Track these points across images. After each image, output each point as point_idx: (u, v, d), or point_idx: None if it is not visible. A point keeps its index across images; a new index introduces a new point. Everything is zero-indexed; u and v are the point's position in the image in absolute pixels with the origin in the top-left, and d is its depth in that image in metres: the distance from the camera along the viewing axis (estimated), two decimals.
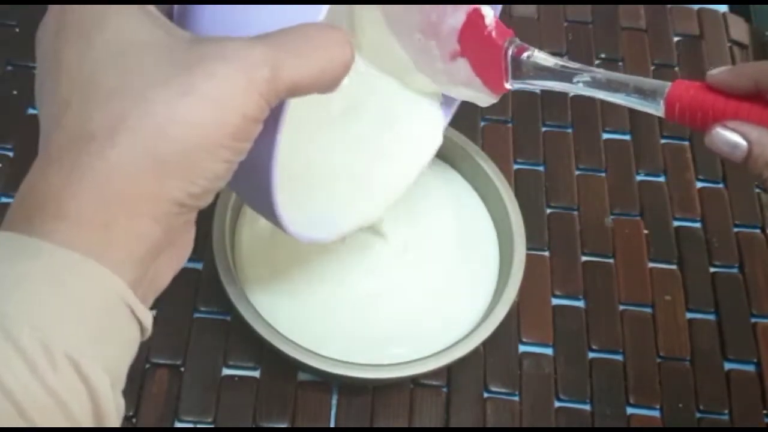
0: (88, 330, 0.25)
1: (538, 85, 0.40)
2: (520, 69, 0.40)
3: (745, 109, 0.34)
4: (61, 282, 0.25)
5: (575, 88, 0.39)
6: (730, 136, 0.34)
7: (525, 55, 0.39)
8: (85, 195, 0.26)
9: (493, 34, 0.40)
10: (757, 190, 0.55)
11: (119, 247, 0.27)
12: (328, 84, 0.29)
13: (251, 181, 0.33)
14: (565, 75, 0.39)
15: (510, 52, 0.40)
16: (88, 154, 0.26)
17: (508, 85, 0.41)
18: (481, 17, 0.40)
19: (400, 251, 0.48)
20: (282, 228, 0.36)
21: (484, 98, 0.43)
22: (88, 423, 0.25)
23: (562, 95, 0.58)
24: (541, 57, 0.40)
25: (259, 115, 0.28)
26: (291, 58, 0.28)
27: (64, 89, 0.28)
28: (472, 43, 0.40)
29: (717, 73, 0.34)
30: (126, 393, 0.45)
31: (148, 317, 0.28)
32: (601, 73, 0.38)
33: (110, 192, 0.26)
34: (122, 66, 0.27)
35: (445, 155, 0.52)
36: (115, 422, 0.26)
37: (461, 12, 0.40)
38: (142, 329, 0.28)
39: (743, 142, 0.33)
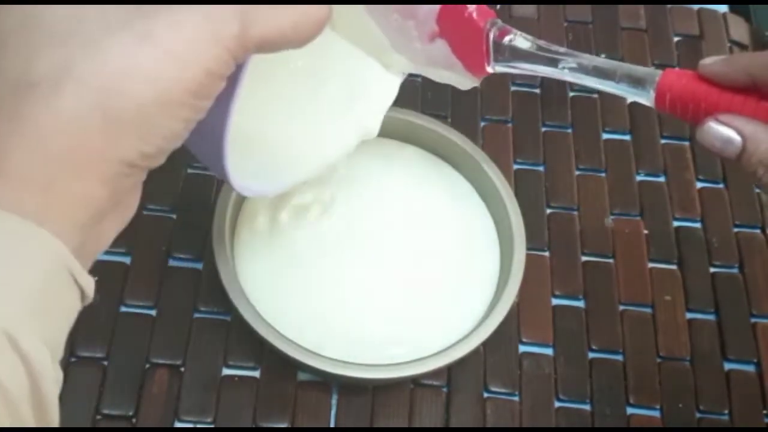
0: (28, 301, 0.23)
1: (521, 68, 0.38)
2: (502, 52, 0.38)
3: (739, 101, 0.32)
4: None
5: (561, 74, 0.37)
6: (723, 131, 0.32)
7: (507, 38, 0.38)
8: (25, 151, 0.23)
9: (474, 15, 0.38)
10: (758, 191, 0.55)
11: (62, 210, 0.24)
12: (300, 41, 0.27)
13: (202, 131, 0.31)
14: (549, 60, 0.37)
15: (492, 35, 0.38)
16: (31, 104, 0.23)
17: (489, 69, 0.39)
18: None
19: (400, 251, 0.48)
20: (227, 180, 0.35)
21: (465, 81, 0.40)
22: (25, 402, 0.23)
23: (562, 94, 0.58)
24: (524, 41, 0.38)
25: (224, 72, 0.26)
26: (263, 11, 0.26)
27: (1, 24, 0.25)
28: (452, 25, 0.38)
29: (710, 63, 0.32)
30: (126, 393, 0.45)
31: (90, 284, 0.25)
32: (588, 58, 0.36)
33: (54, 149, 0.23)
34: (72, 5, 0.24)
35: (445, 155, 0.52)
36: (54, 397, 0.24)
37: None
38: (83, 296, 0.26)
39: (737, 137, 0.32)
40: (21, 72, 0.24)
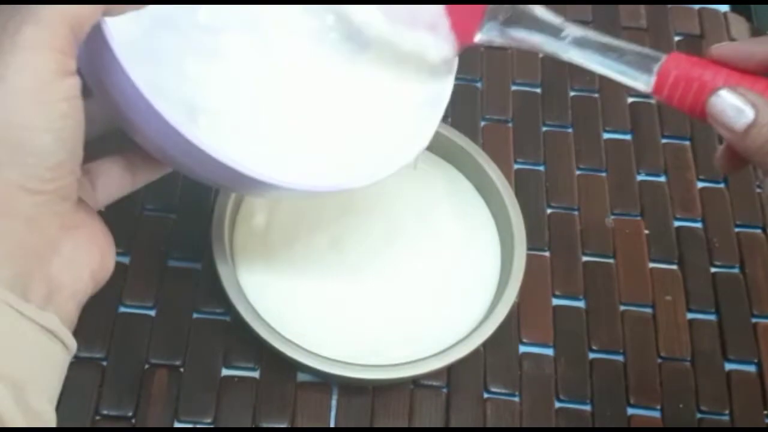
0: None
1: (515, 39, 0.36)
2: (499, 16, 0.36)
3: (750, 79, 0.32)
4: None
5: (558, 44, 0.35)
6: (736, 99, 0.31)
7: None
8: None
9: None
10: (759, 190, 0.54)
11: None
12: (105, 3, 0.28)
13: (174, 148, 0.31)
14: (552, 25, 0.36)
15: None
16: None
17: (476, 37, 0.37)
18: None
19: (400, 251, 0.48)
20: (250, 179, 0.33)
21: (440, 49, 0.39)
22: None
23: (563, 94, 0.58)
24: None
25: (59, 68, 0.27)
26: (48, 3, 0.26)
27: None
28: None
29: (722, 44, 0.32)
30: (125, 393, 0.45)
31: (47, 320, 0.27)
32: (593, 32, 0.35)
33: None
34: None
35: (445, 155, 0.52)
36: (24, 426, 0.25)
37: None
38: (57, 336, 0.27)
39: (750, 108, 0.31)
40: None
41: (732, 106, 0.31)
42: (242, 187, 0.38)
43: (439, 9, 0.37)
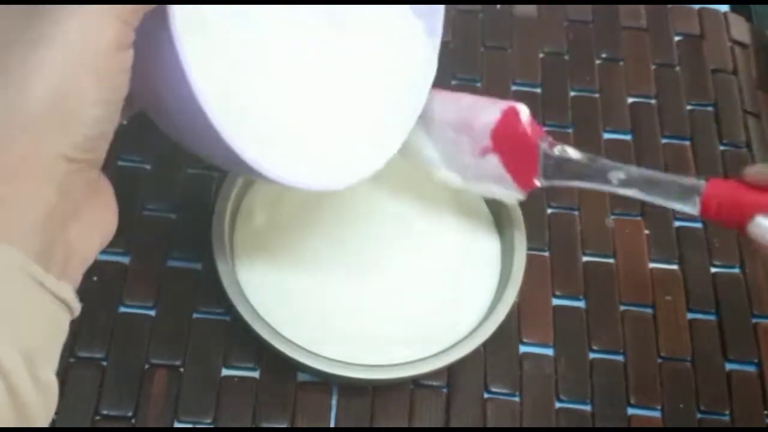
0: None
1: (566, 184, 0.41)
2: (551, 166, 0.41)
3: None
4: None
5: (607, 187, 0.40)
6: None
7: (556, 149, 0.40)
8: None
9: (528, 131, 0.40)
10: None
11: (10, 216, 0.25)
12: None
13: (194, 126, 0.31)
14: (597, 171, 0.40)
15: (542, 148, 0.40)
16: None
17: (537, 182, 0.42)
18: (517, 114, 0.41)
19: (401, 250, 0.48)
20: (258, 170, 0.34)
21: (513, 195, 0.43)
22: (2, 400, 0.24)
23: (562, 94, 0.58)
24: (573, 152, 0.40)
25: (120, 40, 0.26)
26: None
27: None
28: (505, 140, 0.41)
29: (754, 169, 0.36)
30: (125, 393, 0.45)
31: (63, 290, 0.26)
32: (636, 170, 0.39)
33: None
34: None
35: None
36: (35, 399, 0.25)
37: (496, 108, 0.41)
38: (66, 304, 0.27)
39: None
40: None
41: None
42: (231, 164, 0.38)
43: (500, 169, 0.42)
